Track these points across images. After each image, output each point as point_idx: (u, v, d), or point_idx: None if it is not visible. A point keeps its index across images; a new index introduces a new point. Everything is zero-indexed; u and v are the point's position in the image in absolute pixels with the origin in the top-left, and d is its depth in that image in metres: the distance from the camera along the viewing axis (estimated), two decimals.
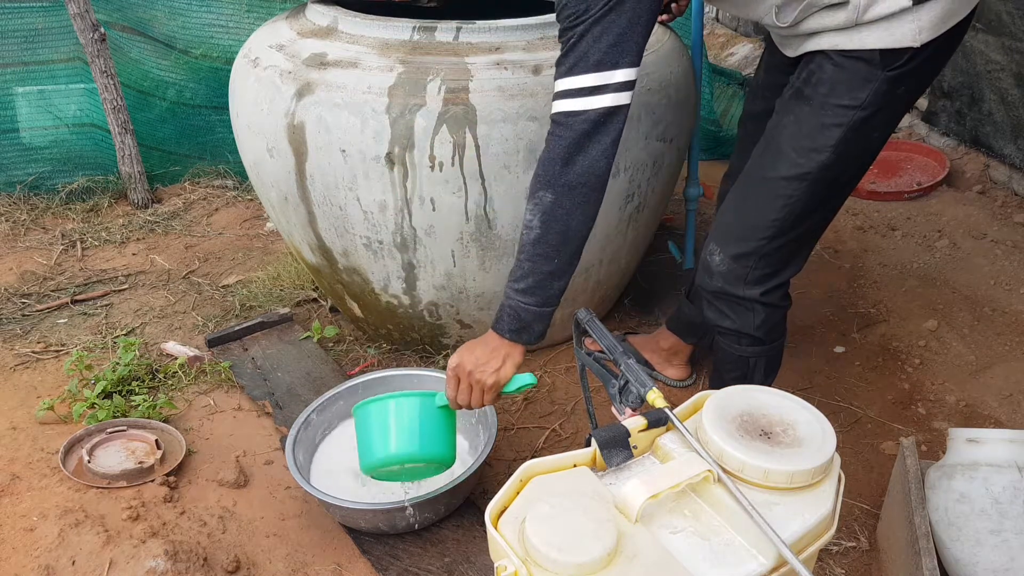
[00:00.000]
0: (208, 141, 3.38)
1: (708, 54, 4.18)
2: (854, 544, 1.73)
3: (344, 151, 1.85)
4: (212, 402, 2.12)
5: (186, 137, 3.38)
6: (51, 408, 2.02)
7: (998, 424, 2.05)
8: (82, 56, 3.00)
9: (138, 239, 2.97)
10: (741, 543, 0.98)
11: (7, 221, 3.03)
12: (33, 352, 2.31)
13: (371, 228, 1.96)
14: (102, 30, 2.90)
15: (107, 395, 2.08)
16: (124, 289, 2.64)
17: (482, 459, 1.68)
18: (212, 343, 2.32)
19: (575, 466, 1.06)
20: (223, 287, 2.66)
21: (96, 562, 1.60)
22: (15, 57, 3.13)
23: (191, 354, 2.26)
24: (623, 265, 2.26)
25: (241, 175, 3.26)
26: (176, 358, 2.23)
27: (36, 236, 2.96)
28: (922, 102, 3.48)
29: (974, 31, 2.97)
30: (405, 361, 2.28)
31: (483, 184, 1.85)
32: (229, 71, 2.14)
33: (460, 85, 1.80)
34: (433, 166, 1.82)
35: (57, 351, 2.32)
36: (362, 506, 1.65)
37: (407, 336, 2.27)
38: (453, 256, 1.98)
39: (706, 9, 2.68)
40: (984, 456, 1.46)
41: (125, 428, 1.97)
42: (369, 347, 2.33)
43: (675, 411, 1.11)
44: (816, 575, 1.66)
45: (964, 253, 2.79)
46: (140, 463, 1.86)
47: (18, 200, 3.15)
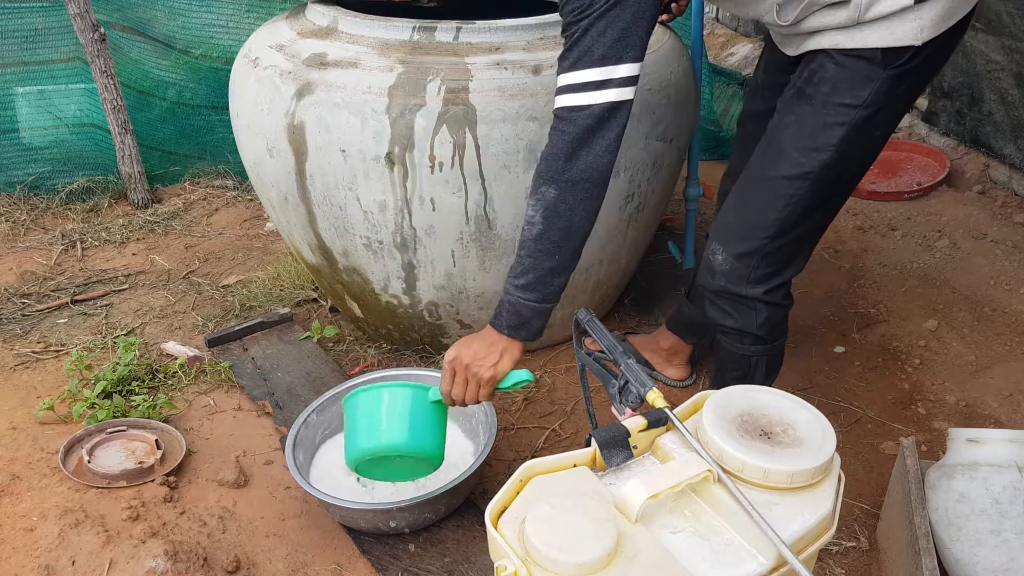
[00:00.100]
0: (208, 141, 3.38)
1: (708, 54, 4.18)
2: (854, 544, 1.73)
3: (344, 151, 1.85)
4: (212, 402, 2.12)
5: (186, 137, 3.38)
6: (51, 408, 2.02)
7: (998, 424, 2.05)
8: (82, 56, 3.00)
9: (138, 239, 2.97)
10: (741, 543, 0.98)
11: (7, 221, 3.03)
12: (33, 352, 2.31)
13: (371, 228, 1.96)
14: (102, 30, 2.90)
15: (107, 395, 2.08)
16: (124, 289, 2.64)
17: (482, 459, 1.68)
18: (212, 343, 2.32)
19: (575, 466, 1.06)
20: (223, 287, 2.66)
21: (96, 562, 1.60)
22: (15, 57, 3.13)
23: (191, 354, 2.26)
24: (623, 265, 2.26)
25: (241, 175, 3.26)
26: (176, 358, 2.23)
27: (36, 236, 2.96)
28: (922, 102, 3.48)
29: (974, 31, 2.97)
30: (405, 361, 2.28)
31: (483, 184, 1.85)
32: (229, 71, 2.14)
33: (460, 85, 1.80)
34: (433, 166, 1.82)
35: (57, 351, 2.32)
36: (362, 506, 1.65)
37: (407, 336, 2.27)
38: (453, 256, 1.98)
39: (706, 9, 2.68)
40: (984, 456, 1.45)
41: (125, 428, 1.97)
42: (369, 347, 2.33)
43: (675, 411, 1.11)
44: (816, 575, 1.66)
45: (964, 253, 2.79)
46: (140, 463, 1.86)
47: (18, 200, 3.15)
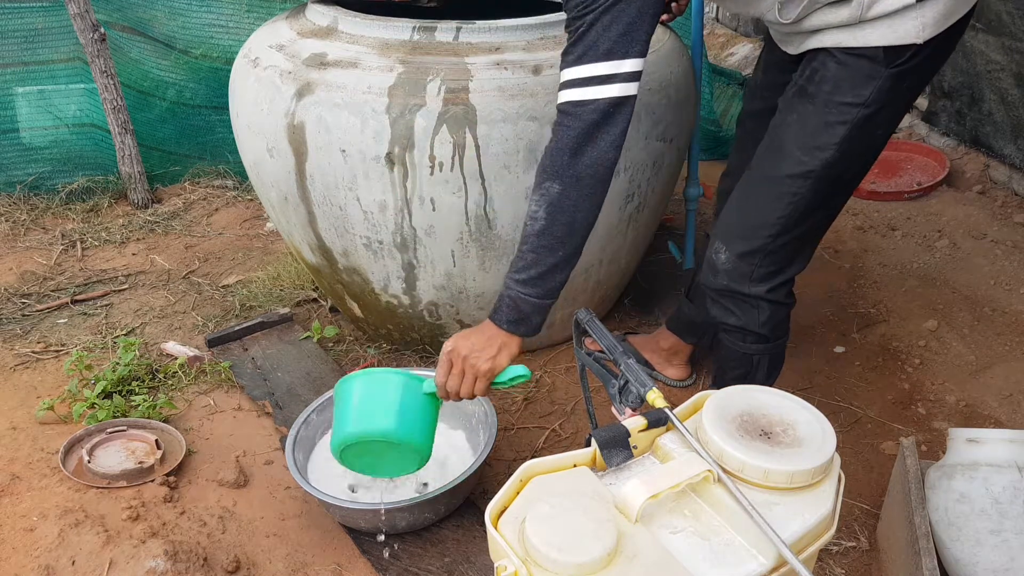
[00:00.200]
0: (208, 141, 3.38)
1: (708, 54, 4.18)
2: (854, 544, 1.73)
3: (344, 151, 1.85)
4: (212, 402, 2.12)
5: (186, 137, 3.38)
6: (51, 408, 2.02)
7: (998, 424, 2.05)
8: (82, 56, 3.00)
9: (138, 239, 2.97)
10: (741, 543, 0.98)
11: (7, 221, 3.03)
12: (33, 352, 2.31)
13: (371, 228, 1.96)
14: (102, 30, 2.90)
15: (107, 395, 2.08)
16: (124, 289, 2.64)
17: (482, 459, 1.68)
18: (212, 343, 2.32)
19: (575, 466, 1.06)
20: (223, 287, 2.66)
21: (96, 562, 1.60)
22: (15, 57, 3.13)
23: (191, 354, 2.26)
24: (623, 265, 2.26)
25: (241, 175, 3.26)
26: (176, 358, 2.23)
27: (36, 236, 2.96)
28: (922, 102, 3.48)
29: (974, 31, 2.97)
30: (405, 361, 2.28)
31: (483, 184, 1.85)
32: (229, 71, 2.14)
33: (460, 85, 1.80)
34: (433, 166, 1.82)
35: (57, 351, 2.32)
36: (362, 506, 1.65)
37: (407, 336, 2.27)
38: (453, 256, 1.98)
39: (706, 9, 2.68)
40: (984, 456, 1.45)
41: (125, 428, 1.97)
42: (369, 347, 2.33)
43: (675, 411, 1.11)
44: (816, 575, 1.66)
45: (964, 253, 2.79)
46: (140, 463, 1.86)
47: (18, 200, 3.15)
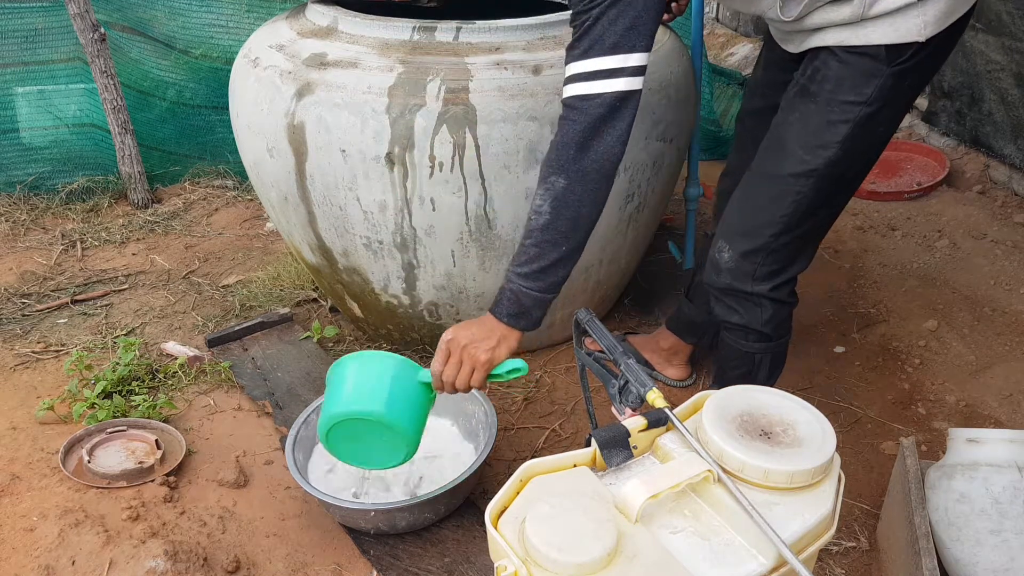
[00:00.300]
0: (208, 141, 3.38)
1: (708, 54, 4.18)
2: (854, 544, 1.73)
3: (344, 151, 1.85)
4: (212, 402, 2.12)
5: (186, 137, 3.38)
6: (51, 408, 2.02)
7: (998, 424, 2.05)
8: (82, 56, 3.00)
9: (138, 239, 2.97)
10: (741, 543, 0.98)
11: (7, 221, 3.03)
12: (33, 352, 2.31)
13: (371, 228, 1.96)
14: (102, 30, 2.90)
15: (107, 395, 2.08)
16: (124, 289, 2.64)
17: (482, 459, 1.68)
18: (212, 343, 2.32)
19: (575, 466, 1.06)
20: (223, 287, 2.66)
21: (96, 562, 1.60)
22: (15, 57, 3.12)
23: (191, 354, 2.26)
24: (623, 265, 2.26)
25: (241, 175, 3.26)
26: (176, 358, 2.23)
27: (36, 236, 2.96)
28: (922, 102, 3.48)
29: (974, 31, 2.97)
30: None
31: (483, 184, 1.85)
32: (229, 71, 2.14)
33: (460, 85, 1.80)
34: (433, 166, 1.82)
35: (57, 351, 2.32)
36: (362, 506, 1.65)
37: (407, 336, 2.27)
38: (453, 256, 1.98)
39: (706, 9, 2.68)
40: (984, 456, 1.45)
41: (125, 428, 1.97)
42: (369, 347, 2.33)
43: (675, 411, 1.11)
44: (816, 575, 1.66)
45: (964, 253, 2.79)
46: (140, 463, 1.86)
47: (18, 200, 3.15)
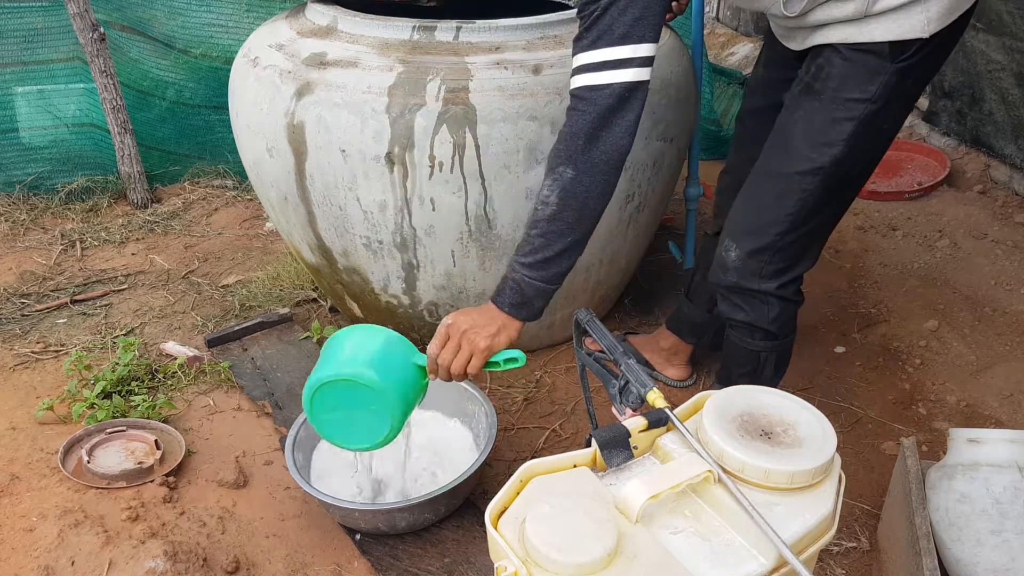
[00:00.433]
0: (208, 141, 3.38)
1: (708, 54, 4.18)
2: (855, 544, 1.73)
3: (344, 151, 1.84)
4: (212, 402, 2.12)
5: (186, 137, 3.37)
6: (50, 408, 2.01)
7: (999, 424, 2.05)
8: (82, 56, 3.00)
9: (138, 239, 2.96)
10: (741, 543, 0.98)
11: (7, 221, 3.03)
12: (32, 352, 2.30)
13: (371, 228, 1.95)
14: (101, 30, 2.89)
15: (106, 395, 2.08)
16: (123, 289, 2.64)
17: (482, 459, 1.68)
18: (212, 343, 2.32)
19: (575, 466, 1.06)
20: (223, 287, 2.65)
21: (95, 562, 1.60)
22: (15, 57, 3.12)
23: (191, 354, 2.25)
24: (623, 265, 2.26)
25: (241, 175, 3.26)
26: (176, 358, 2.23)
27: (36, 236, 2.96)
28: (923, 102, 3.48)
29: (974, 31, 2.97)
30: None
31: (483, 184, 1.85)
32: (229, 71, 2.14)
33: (460, 85, 1.80)
34: (433, 166, 1.82)
35: (57, 351, 2.32)
36: (362, 506, 1.65)
37: (407, 336, 2.26)
38: (453, 256, 1.98)
39: (706, 9, 2.68)
40: (985, 456, 1.45)
41: (124, 428, 1.97)
42: None
43: (675, 411, 1.11)
44: (817, 575, 1.66)
45: (965, 253, 2.79)
46: (139, 463, 1.86)
47: (18, 200, 3.14)
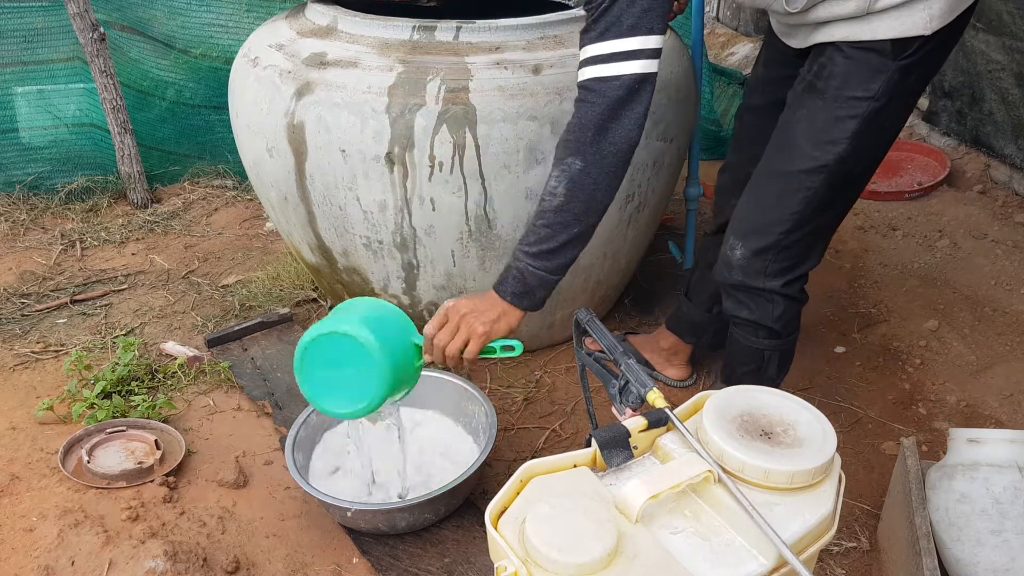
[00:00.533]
0: (208, 141, 3.38)
1: (708, 54, 4.17)
2: (855, 544, 1.73)
3: (344, 151, 1.84)
4: (212, 402, 2.12)
5: (186, 137, 3.37)
6: (50, 408, 2.01)
7: (999, 424, 2.05)
8: (81, 56, 3.00)
9: (137, 239, 2.96)
10: (741, 543, 0.98)
11: (7, 221, 3.03)
12: (32, 352, 2.30)
13: (371, 228, 1.95)
14: (101, 30, 2.89)
15: (106, 395, 2.08)
16: (123, 289, 2.64)
17: (482, 459, 1.68)
18: (212, 343, 2.32)
19: (575, 466, 1.06)
20: (223, 287, 2.65)
21: (95, 562, 1.60)
22: (15, 57, 3.12)
23: (191, 354, 2.25)
24: (623, 265, 2.26)
25: (241, 175, 3.26)
26: (176, 358, 2.23)
27: (35, 236, 2.96)
28: (923, 102, 3.48)
29: (975, 31, 2.97)
30: None
31: (483, 184, 1.85)
32: (229, 71, 2.14)
33: (460, 85, 1.80)
34: (433, 166, 1.82)
35: (56, 351, 2.31)
36: (362, 506, 1.65)
37: None
38: (453, 256, 1.98)
39: (706, 8, 2.68)
40: (985, 456, 1.45)
41: (124, 428, 1.97)
42: None
43: (675, 411, 1.11)
44: (817, 575, 1.65)
45: (965, 253, 2.79)
46: (139, 463, 1.86)
47: (18, 200, 3.14)
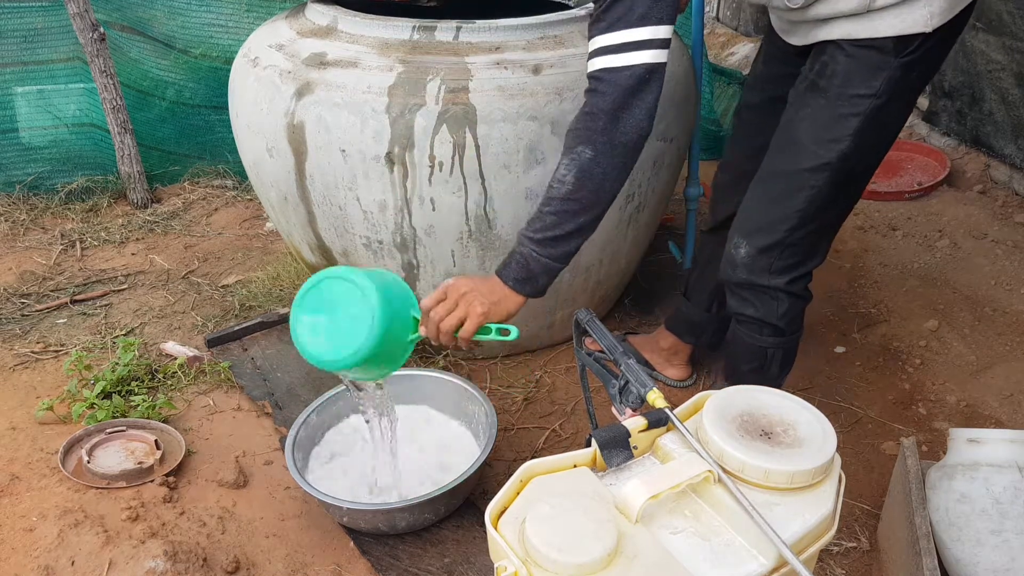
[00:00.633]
0: (208, 141, 3.38)
1: (708, 54, 4.17)
2: (855, 544, 1.73)
3: (344, 151, 1.84)
4: (212, 402, 2.12)
5: (185, 137, 3.37)
6: (50, 408, 2.01)
7: (999, 424, 2.05)
8: (81, 56, 3.00)
9: (137, 239, 2.96)
10: (741, 543, 0.98)
11: (7, 221, 3.03)
12: (32, 352, 2.30)
13: (371, 228, 1.95)
14: (101, 30, 2.89)
15: (106, 395, 2.08)
16: (123, 289, 2.64)
17: (482, 459, 1.68)
18: (211, 343, 2.32)
19: (575, 466, 1.06)
20: (223, 287, 2.65)
21: (95, 562, 1.60)
22: (15, 57, 3.12)
23: (190, 354, 2.25)
24: (623, 265, 2.26)
25: (241, 175, 3.26)
26: (175, 358, 2.23)
27: (35, 236, 2.96)
28: (923, 102, 3.48)
29: (975, 31, 2.97)
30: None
31: (483, 184, 1.85)
32: (229, 71, 2.14)
33: (460, 85, 1.80)
34: (433, 166, 1.82)
35: (56, 351, 2.31)
36: (362, 506, 1.65)
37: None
38: (453, 256, 1.98)
39: (706, 8, 2.68)
40: (985, 456, 1.45)
41: (124, 428, 1.97)
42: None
43: (675, 411, 1.11)
44: (816, 575, 1.65)
45: (965, 253, 2.79)
46: (139, 463, 1.86)
47: (18, 200, 3.14)
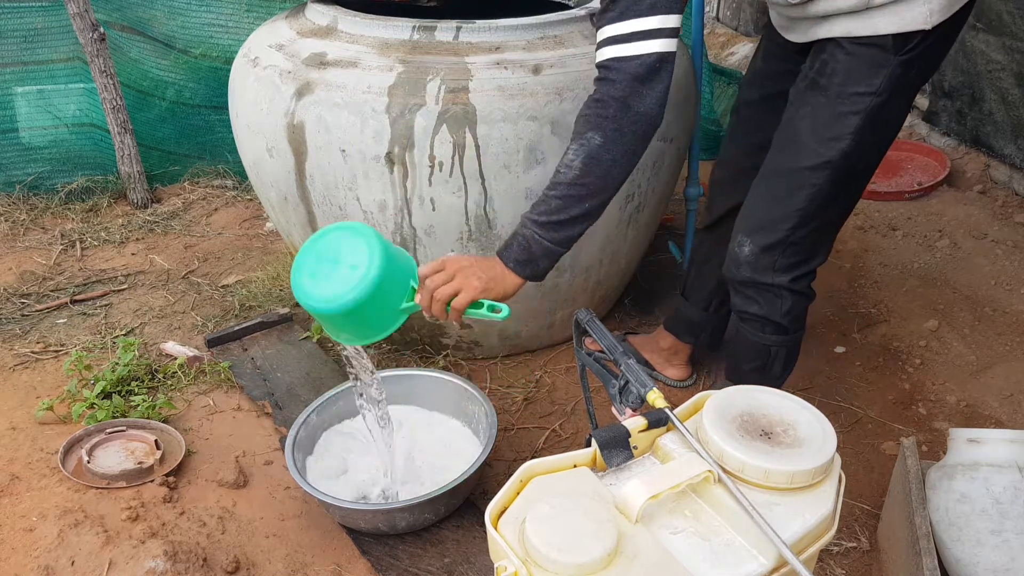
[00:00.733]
0: (208, 141, 3.38)
1: (708, 54, 4.17)
2: (855, 544, 1.73)
3: (344, 151, 1.84)
4: (212, 402, 2.12)
5: (185, 137, 3.37)
6: (50, 408, 2.01)
7: (999, 424, 2.05)
8: (81, 56, 3.00)
9: (137, 239, 2.96)
10: (741, 543, 0.98)
11: (7, 221, 3.03)
12: (32, 352, 2.30)
13: None
14: (101, 30, 2.89)
15: (106, 395, 2.08)
16: (123, 289, 2.64)
17: (482, 459, 1.68)
18: (211, 343, 2.32)
19: (575, 466, 1.06)
20: (223, 287, 2.65)
21: (95, 562, 1.60)
22: (15, 57, 3.12)
23: (190, 354, 2.25)
24: (623, 265, 2.26)
25: (241, 175, 3.26)
26: (175, 358, 2.23)
27: (35, 236, 2.96)
28: (923, 102, 3.48)
29: (974, 31, 2.97)
30: (405, 361, 2.27)
31: (483, 184, 1.85)
32: (229, 71, 2.14)
33: (460, 85, 1.80)
34: (433, 166, 1.82)
35: (56, 351, 2.31)
36: (362, 506, 1.65)
37: (407, 336, 2.27)
38: None
39: (706, 8, 2.68)
40: (985, 456, 1.45)
41: (124, 428, 1.97)
42: (369, 347, 2.33)
43: (675, 411, 1.11)
44: (816, 575, 1.65)
45: (965, 253, 2.79)
46: (139, 463, 1.86)
47: (18, 200, 3.14)
